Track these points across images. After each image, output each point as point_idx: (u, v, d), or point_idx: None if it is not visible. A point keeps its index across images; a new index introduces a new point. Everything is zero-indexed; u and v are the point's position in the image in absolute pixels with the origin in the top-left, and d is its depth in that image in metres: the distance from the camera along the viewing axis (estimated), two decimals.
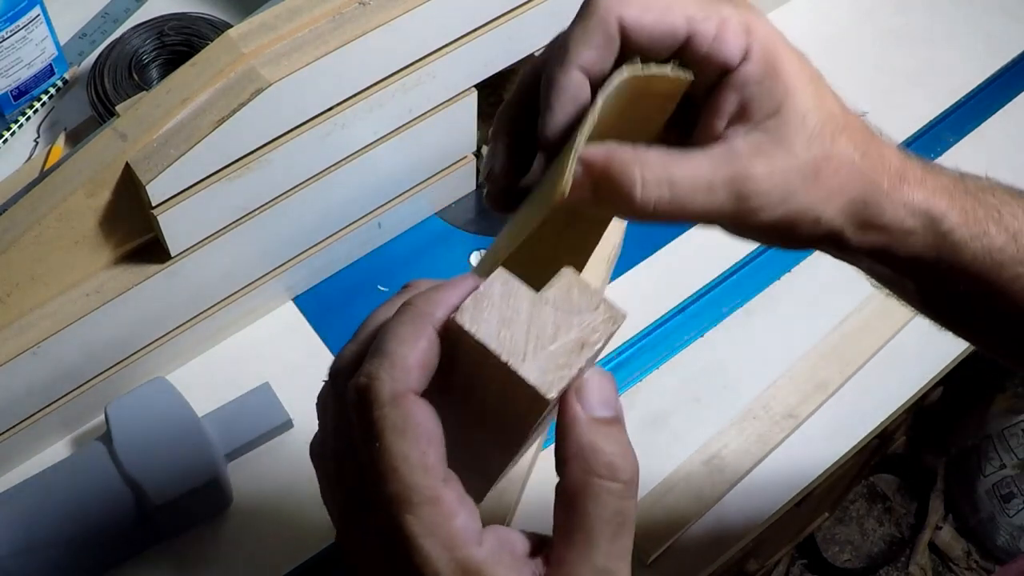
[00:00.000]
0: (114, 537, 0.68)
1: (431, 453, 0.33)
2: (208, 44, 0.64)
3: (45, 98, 0.88)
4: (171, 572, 0.70)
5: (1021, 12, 1.01)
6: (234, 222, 0.70)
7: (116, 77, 0.85)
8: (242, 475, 0.72)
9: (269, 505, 0.72)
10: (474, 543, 0.33)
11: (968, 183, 0.46)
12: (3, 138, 0.85)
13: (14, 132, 0.86)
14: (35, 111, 0.87)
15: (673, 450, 0.75)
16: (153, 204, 0.64)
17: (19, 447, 0.71)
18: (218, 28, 0.88)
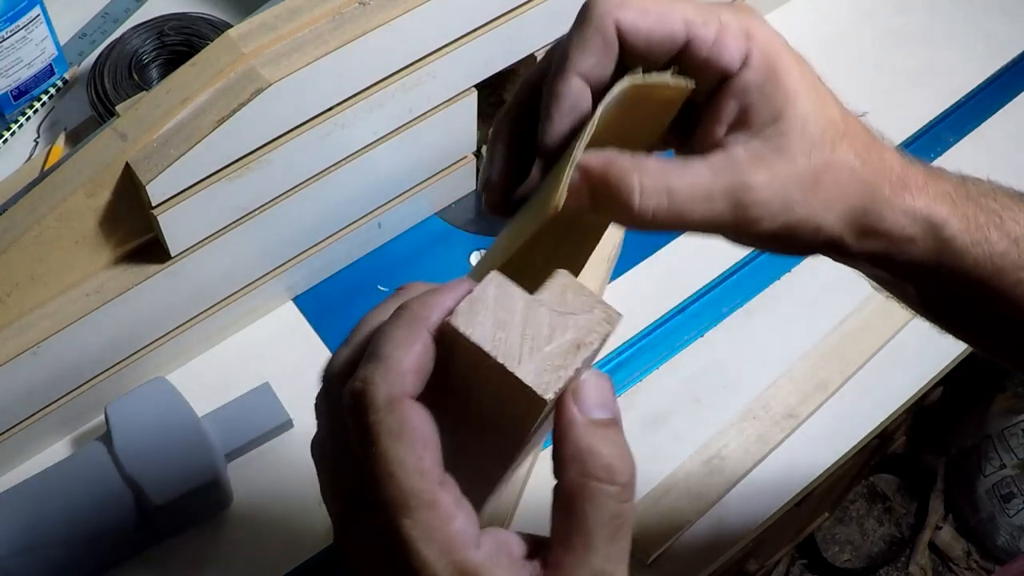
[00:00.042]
0: (114, 537, 0.68)
1: (427, 457, 0.33)
2: (208, 44, 0.64)
3: (45, 98, 0.87)
4: (171, 572, 0.70)
5: (1021, 12, 1.01)
6: (234, 222, 0.70)
7: (116, 77, 0.85)
8: (242, 475, 0.72)
9: (269, 505, 0.72)
10: (472, 546, 0.33)
11: (970, 187, 0.45)
12: (3, 138, 0.85)
13: (14, 132, 0.86)
14: (35, 111, 0.87)
15: (673, 450, 0.75)
16: (153, 204, 0.64)
17: (19, 447, 0.71)
18: (218, 28, 0.87)
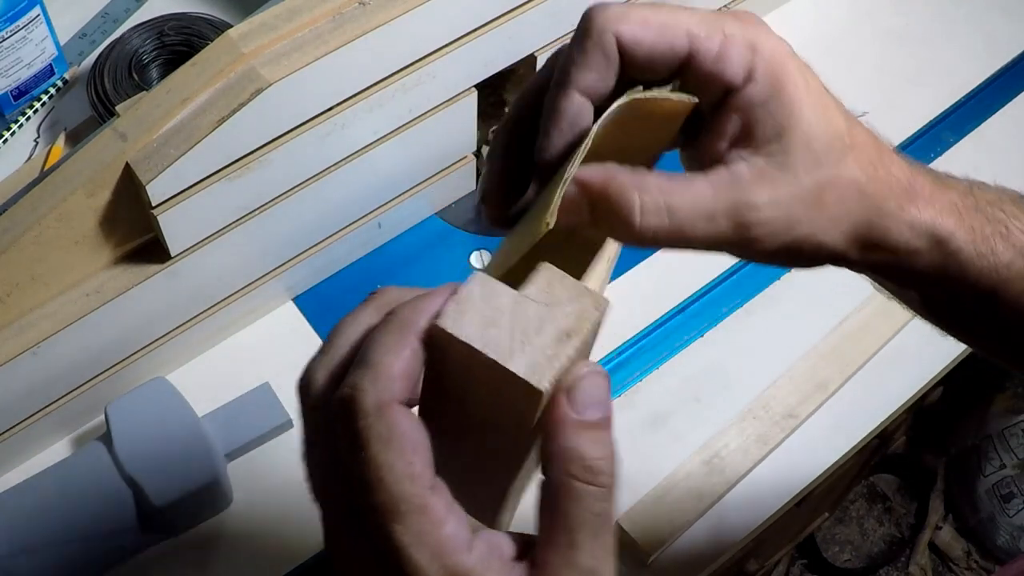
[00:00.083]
0: (114, 537, 0.68)
1: (417, 461, 0.32)
2: (208, 44, 0.64)
3: (45, 98, 0.87)
4: (171, 572, 0.70)
5: (1021, 12, 1.01)
6: (234, 222, 0.70)
7: (116, 77, 0.85)
8: (242, 475, 0.72)
9: (269, 505, 0.72)
10: (463, 550, 0.32)
11: (977, 196, 0.45)
12: (3, 138, 0.85)
13: (14, 132, 0.86)
14: (35, 111, 0.87)
15: (673, 450, 0.75)
16: (153, 204, 0.64)
17: (19, 447, 0.71)
18: (218, 28, 0.87)
